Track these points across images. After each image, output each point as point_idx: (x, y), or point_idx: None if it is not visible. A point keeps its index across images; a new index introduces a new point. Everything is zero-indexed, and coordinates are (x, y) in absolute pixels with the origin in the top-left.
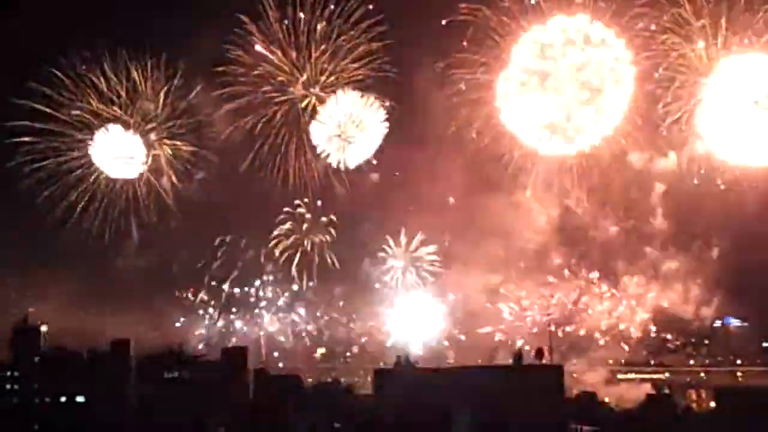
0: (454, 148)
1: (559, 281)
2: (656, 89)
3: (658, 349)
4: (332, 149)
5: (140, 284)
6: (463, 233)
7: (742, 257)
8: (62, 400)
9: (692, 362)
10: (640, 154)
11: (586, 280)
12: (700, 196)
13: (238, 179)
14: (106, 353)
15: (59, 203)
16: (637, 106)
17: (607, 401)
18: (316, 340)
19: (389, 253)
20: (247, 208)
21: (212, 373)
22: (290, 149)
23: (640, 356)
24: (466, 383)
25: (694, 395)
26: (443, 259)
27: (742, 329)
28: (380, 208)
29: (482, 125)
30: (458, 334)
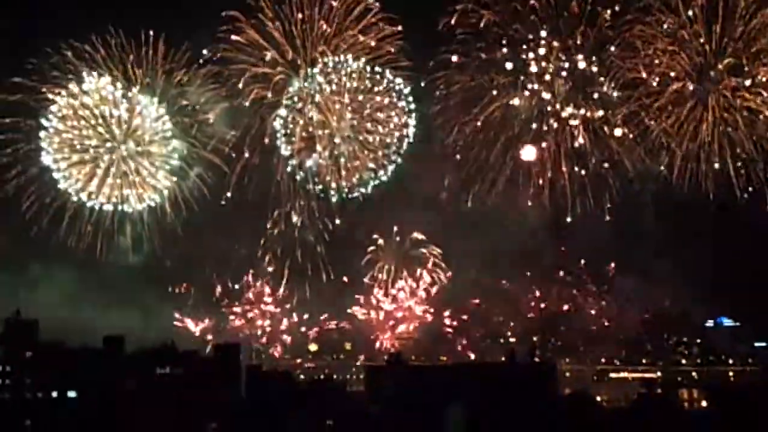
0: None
1: (551, 279)
2: None
3: (650, 348)
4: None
5: (133, 280)
6: (456, 230)
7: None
8: (54, 395)
9: (684, 362)
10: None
11: (578, 278)
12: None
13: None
14: (98, 349)
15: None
16: None
17: (599, 400)
18: (308, 337)
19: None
20: (242, 205)
21: (205, 369)
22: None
23: (631, 355)
24: (458, 381)
25: (686, 394)
26: (436, 255)
27: (734, 329)
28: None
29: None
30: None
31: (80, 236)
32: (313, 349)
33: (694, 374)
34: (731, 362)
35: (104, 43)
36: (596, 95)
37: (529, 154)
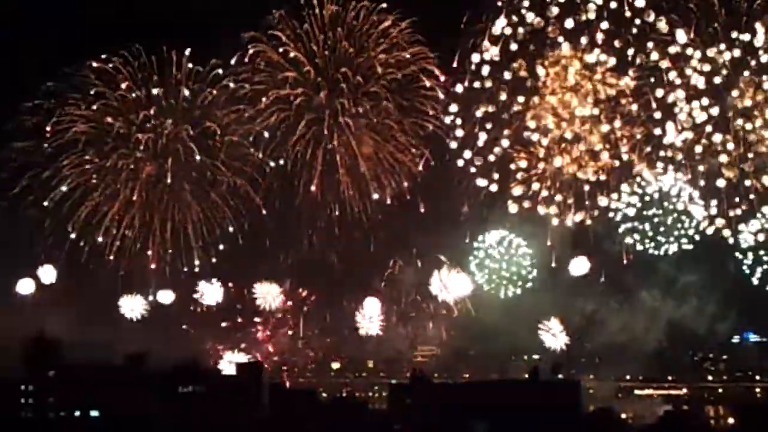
0: None
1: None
2: None
3: (675, 364)
4: None
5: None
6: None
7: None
8: (77, 414)
9: (710, 378)
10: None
11: (601, 292)
12: None
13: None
14: (120, 367)
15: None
16: None
17: (624, 417)
18: (331, 354)
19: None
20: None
21: (227, 387)
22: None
23: (657, 372)
24: (482, 398)
25: (712, 412)
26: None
27: (760, 345)
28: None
29: None
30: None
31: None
32: (335, 366)
33: (720, 391)
34: (758, 378)
35: (125, 62)
36: None
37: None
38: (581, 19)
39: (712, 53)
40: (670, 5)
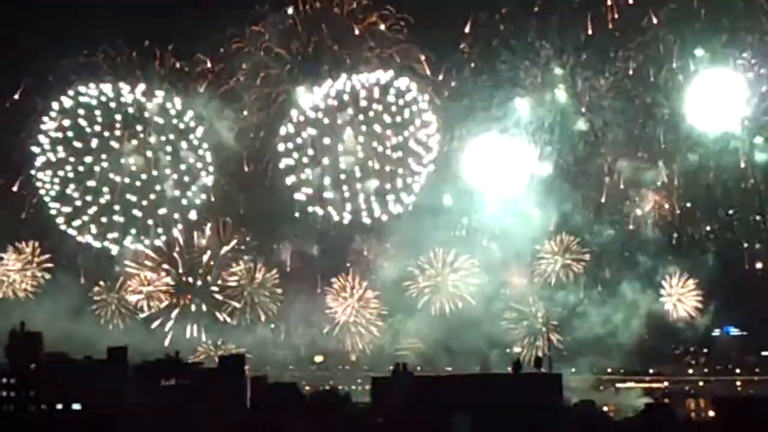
0: None
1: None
2: None
3: (656, 357)
4: None
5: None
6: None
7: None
8: (59, 407)
9: (691, 371)
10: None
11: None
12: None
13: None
14: (102, 360)
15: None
16: None
17: (605, 410)
18: (313, 347)
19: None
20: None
21: (209, 380)
22: None
23: (638, 365)
24: (464, 391)
25: (693, 405)
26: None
27: (741, 338)
28: None
29: None
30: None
31: None
32: (318, 360)
33: (701, 384)
34: (739, 372)
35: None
36: None
37: None
38: None
39: None
40: None
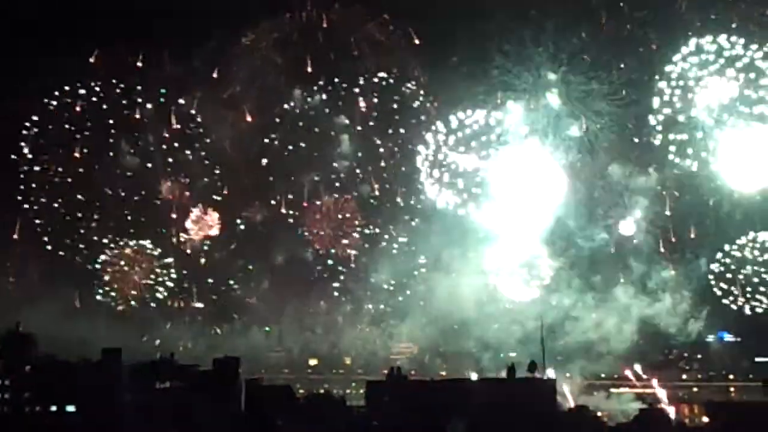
0: None
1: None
2: None
3: (650, 363)
4: None
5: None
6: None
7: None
8: (53, 409)
9: (685, 377)
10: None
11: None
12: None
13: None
14: (97, 362)
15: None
16: None
17: (599, 415)
18: (308, 351)
19: None
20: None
21: (204, 383)
22: None
23: (631, 370)
24: (459, 396)
25: (686, 410)
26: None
27: (734, 344)
28: None
29: None
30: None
31: None
32: (312, 363)
33: (695, 389)
34: (732, 377)
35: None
36: None
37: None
38: None
39: None
40: None
